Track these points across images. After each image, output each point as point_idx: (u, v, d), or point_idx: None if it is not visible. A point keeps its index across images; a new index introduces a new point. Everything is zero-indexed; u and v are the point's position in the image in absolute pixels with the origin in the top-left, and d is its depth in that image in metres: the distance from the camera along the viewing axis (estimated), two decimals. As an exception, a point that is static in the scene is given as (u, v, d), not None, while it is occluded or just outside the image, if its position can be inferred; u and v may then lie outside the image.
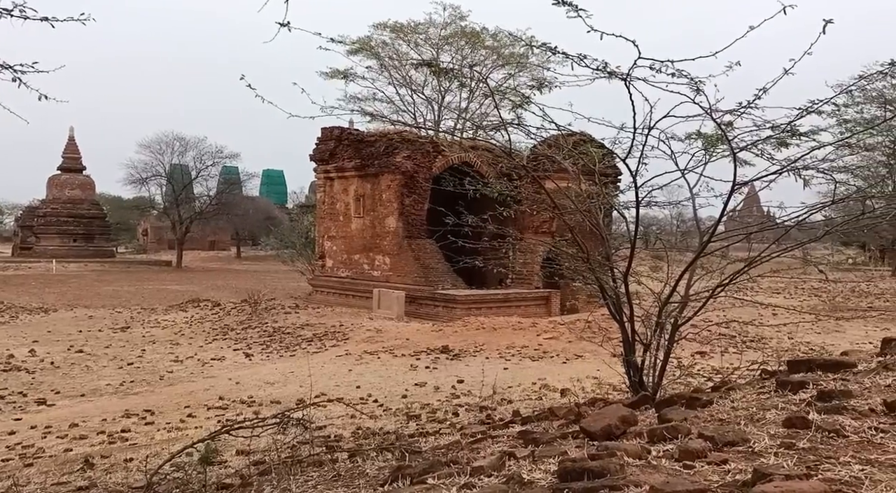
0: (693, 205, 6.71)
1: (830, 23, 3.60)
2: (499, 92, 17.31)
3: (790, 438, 2.49)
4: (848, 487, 1.82)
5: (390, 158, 19.03)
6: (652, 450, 2.59)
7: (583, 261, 6.98)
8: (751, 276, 6.57)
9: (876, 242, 36.01)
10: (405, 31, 26.78)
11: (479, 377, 10.23)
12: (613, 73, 4.24)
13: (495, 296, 18.64)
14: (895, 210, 6.59)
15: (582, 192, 6.95)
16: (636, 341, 6.29)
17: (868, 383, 3.11)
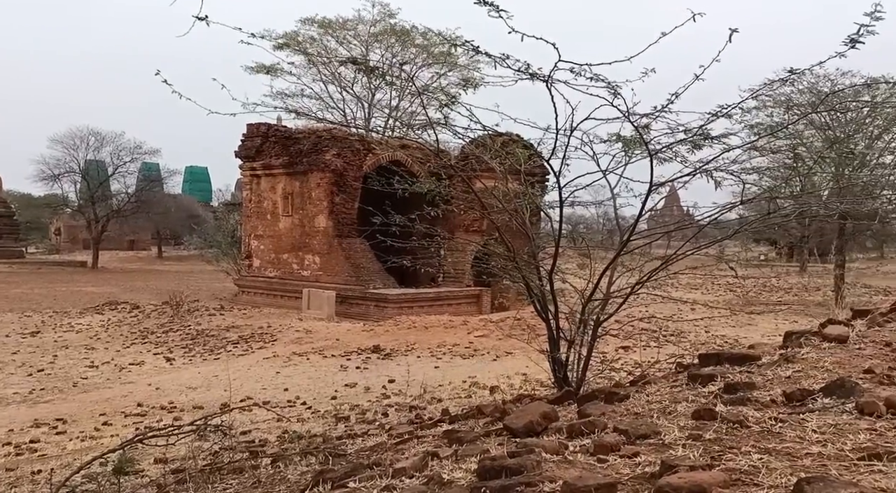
0: (614, 204, 6.93)
1: (736, 32, 3.79)
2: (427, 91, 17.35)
3: (698, 430, 2.59)
4: (746, 475, 1.91)
5: (319, 155, 18.75)
6: (569, 445, 2.65)
7: (509, 260, 7.10)
8: (669, 273, 6.85)
9: (785, 239, 38.18)
10: (333, 27, 26.43)
11: (411, 377, 10.24)
12: (535, 74, 4.32)
13: (427, 295, 18.69)
14: (801, 209, 7.03)
15: (509, 191, 7.05)
16: (561, 337, 6.44)
17: (770, 375, 3.28)
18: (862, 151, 19.17)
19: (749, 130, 6.15)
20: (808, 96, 18.33)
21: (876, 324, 3.86)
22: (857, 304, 17.54)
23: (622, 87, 4.53)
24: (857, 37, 3.89)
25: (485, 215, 6.94)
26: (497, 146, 7.05)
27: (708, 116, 5.09)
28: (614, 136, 6.15)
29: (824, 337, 3.72)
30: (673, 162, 6.26)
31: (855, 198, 17.34)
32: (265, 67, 23.05)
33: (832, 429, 2.37)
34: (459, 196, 8.13)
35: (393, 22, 26.33)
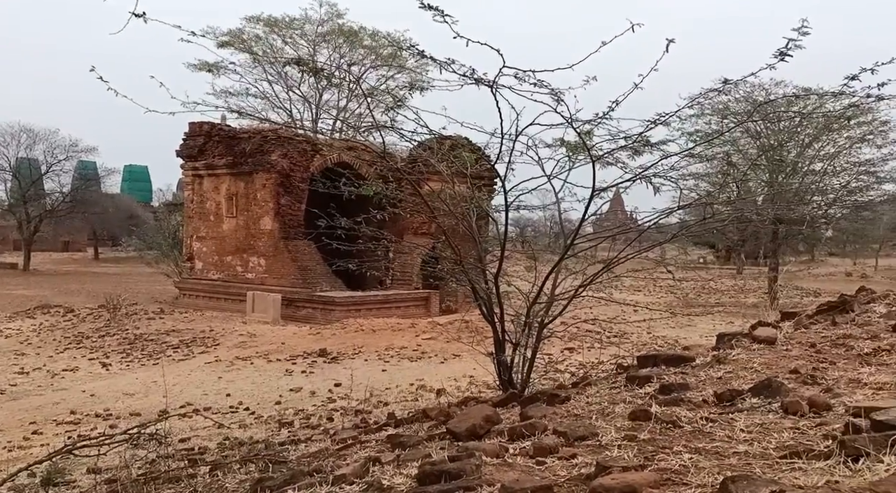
0: (558, 209, 7.05)
1: (672, 42, 3.91)
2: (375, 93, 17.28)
3: (634, 430, 2.66)
4: (676, 475, 1.97)
5: (265, 156, 18.42)
6: (510, 448, 2.68)
7: (456, 263, 7.13)
8: (611, 275, 7.00)
9: (723, 242, 39.56)
10: (280, 25, 25.99)
11: (357, 380, 10.16)
12: (480, 80, 4.35)
13: (375, 297, 18.57)
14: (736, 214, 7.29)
15: (456, 194, 7.08)
16: (506, 340, 6.50)
17: (703, 375, 3.39)
18: (793, 160, 20.05)
19: (687, 138, 6.36)
20: (744, 105, 19.04)
21: (802, 326, 4.04)
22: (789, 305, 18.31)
23: (565, 93, 4.61)
24: (786, 50, 4.06)
25: (431, 219, 6.95)
26: (445, 150, 7.08)
27: (647, 124, 5.23)
28: (559, 141, 6.27)
29: (754, 339, 3.87)
30: (615, 167, 6.43)
31: (787, 203, 18.16)
32: (208, 65, 22.47)
33: (759, 428, 2.47)
34: (408, 199, 8.12)
35: (341, 22, 26.10)
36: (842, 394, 2.70)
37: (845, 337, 3.58)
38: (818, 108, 17.55)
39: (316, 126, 25.68)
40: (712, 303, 25.43)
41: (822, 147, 21.15)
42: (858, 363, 3.11)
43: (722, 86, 4.85)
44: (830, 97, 7.94)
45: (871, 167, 21.67)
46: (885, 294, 4.80)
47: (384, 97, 12.44)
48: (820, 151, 21.33)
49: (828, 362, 3.24)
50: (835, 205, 21.90)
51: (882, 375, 2.85)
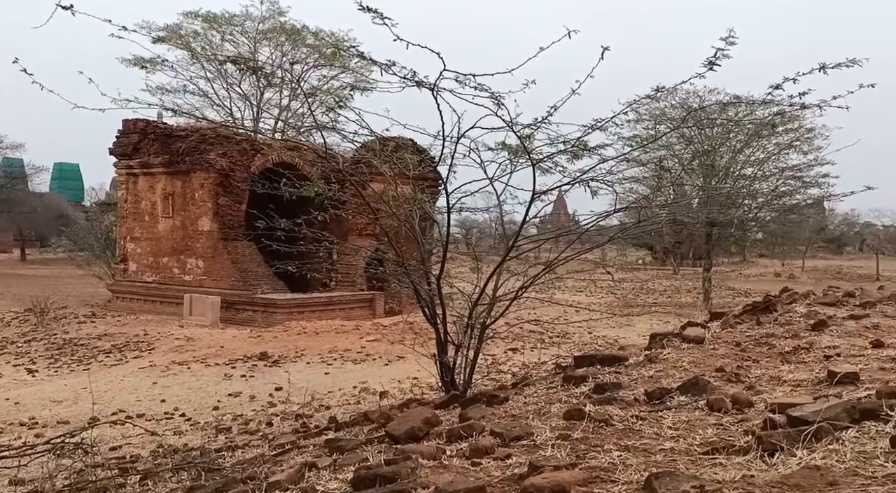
0: (500, 211, 7.13)
1: (607, 50, 4.01)
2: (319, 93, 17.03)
3: (568, 429, 2.71)
4: (605, 472, 2.02)
5: (203, 154, 17.94)
6: (447, 450, 2.69)
7: (399, 265, 7.12)
8: (553, 276, 7.12)
9: (660, 244, 40.78)
10: (219, 22, 25.31)
11: (299, 384, 10.02)
12: (421, 82, 4.36)
13: (318, 299, 18.35)
14: (670, 217, 7.54)
15: (398, 196, 7.07)
16: (449, 341, 6.52)
17: (636, 374, 3.49)
18: (726, 165, 20.85)
19: (623, 142, 6.52)
20: (679, 111, 19.68)
21: (729, 325, 4.21)
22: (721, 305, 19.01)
23: (505, 97, 4.66)
24: (715, 60, 4.23)
25: (374, 220, 6.91)
26: (388, 151, 7.06)
27: (585, 129, 5.34)
28: (500, 144, 6.34)
29: (684, 338, 4.00)
30: (555, 171, 6.55)
31: (720, 207, 18.88)
32: (143, 61, 21.71)
33: (685, 425, 2.55)
34: (351, 200, 8.06)
35: (283, 20, 25.63)
36: (763, 391, 2.83)
37: (768, 336, 3.75)
38: (748, 115, 18.31)
39: (257, 125, 25.13)
40: (650, 303, 26.15)
41: (753, 153, 22.07)
42: (779, 361, 3.26)
43: (655, 93, 5.01)
44: (760, 105, 8.30)
45: (797, 172, 22.73)
46: (805, 294, 5.04)
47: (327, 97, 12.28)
48: (750, 157, 22.24)
49: (751, 360, 3.38)
50: (764, 208, 22.87)
51: (800, 372, 3.00)
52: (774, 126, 17.34)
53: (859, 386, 2.57)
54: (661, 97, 20.26)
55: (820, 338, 3.53)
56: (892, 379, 2.57)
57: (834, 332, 3.67)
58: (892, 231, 57.15)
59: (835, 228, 56.37)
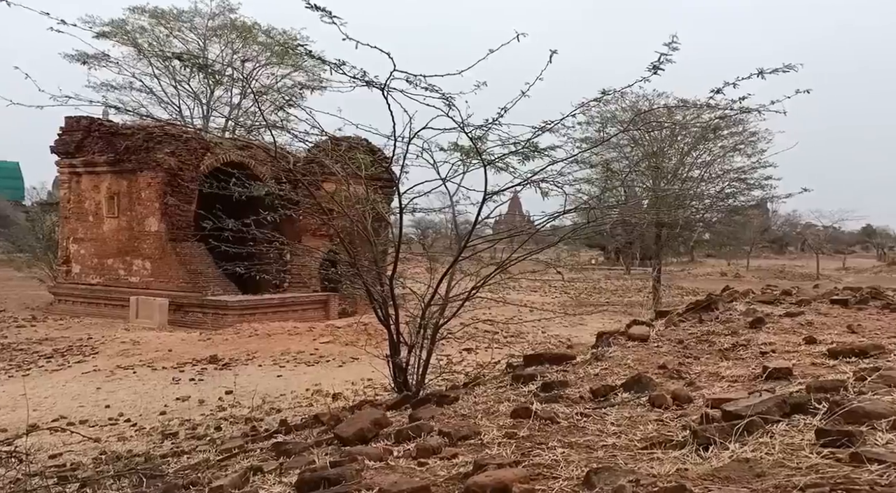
0: (453, 212, 7.16)
1: (555, 53, 4.08)
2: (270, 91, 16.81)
3: (514, 428, 2.74)
4: (547, 469, 2.05)
5: (151, 153, 17.45)
6: (394, 451, 2.69)
7: (351, 266, 7.07)
8: (506, 276, 7.18)
9: (612, 244, 41.53)
10: (167, 17, 24.64)
11: (250, 387, 9.84)
12: (371, 82, 4.35)
13: (270, 301, 18.06)
14: (618, 218, 7.70)
15: (351, 196, 7.02)
16: (401, 342, 6.52)
17: (582, 373, 3.55)
18: (674, 167, 21.34)
19: (573, 144, 6.64)
20: (629, 114, 20.07)
21: (672, 324, 4.32)
22: (671, 304, 19.49)
23: (455, 98, 4.69)
24: (659, 64, 4.33)
25: (325, 221, 6.85)
26: (342, 151, 7.01)
27: (535, 131, 5.41)
28: (453, 145, 6.37)
29: (629, 337, 4.09)
30: (507, 172, 6.60)
31: (668, 208, 19.33)
32: (87, 57, 20.94)
33: (627, 421, 2.61)
34: (304, 201, 7.97)
35: (233, 17, 25.12)
36: (702, 387, 2.91)
37: (709, 334, 3.86)
38: (695, 118, 18.80)
39: (207, 124, 24.57)
40: (602, 302, 26.61)
41: (699, 155, 22.64)
42: (719, 358, 3.36)
43: (602, 96, 5.11)
44: (704, 109, 8.55)
45: (742, 174, 23.41)
46: (745, 293, 5.21)
47: (278, 96, 12.14)
48: (697, 159, 22.82)
49: (693, 357, 3.48)
50: (710, 209, 23.51)
51: (738, 368, 3.10)
52: (716, 130, 17.88)
53: (792, 381, 2.67)
54: (612, 100, 20.69)
55: (757, 335, 3.66)
56: (822, 374, 2.68)
57: (770, 329, 3.80)
58: (830, 232, 59.65)
59: (777, 228, 58.50)
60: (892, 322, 3.82)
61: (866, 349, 2.88)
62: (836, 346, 3.08)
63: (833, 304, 4.41)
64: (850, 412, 1.90)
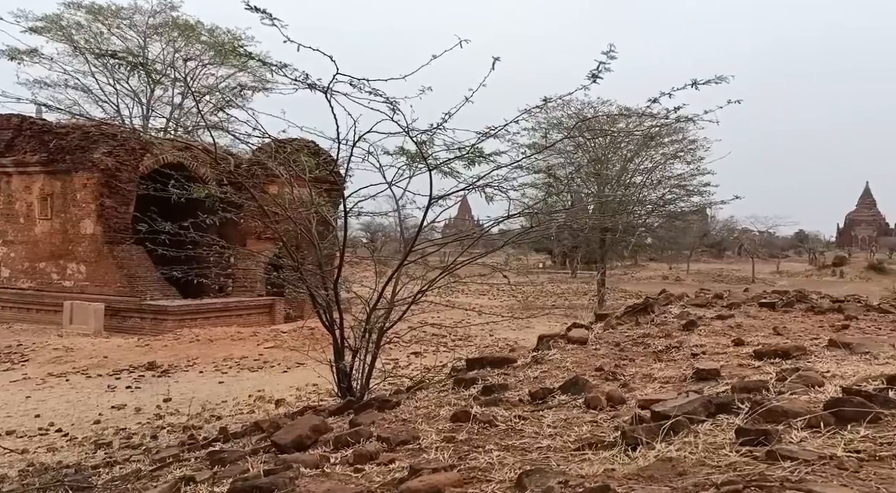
0: (398, 216, 7.15)
1: (498, 60, 4.13)
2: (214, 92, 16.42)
3: (453, 432, 2.75)
4: (482, 472, 2.06)
5: (87, 153, 16.82)
6: (331, 457, 2.66)
7: (294, 270, 6.97)
8: (453, 279, 7.21)
9: (559, 248, 42.20)
10: (104, 14, 23.76)
11: (190, 394, 9.60)
12: (313, 85, 4.30)
13: (213, 306, 17.63)
14: (561, 223, 7.83)
15: (295, 199, 6.93)
16: (346, 346, 6.46)
17: (522, 376, 3.59)
18: (617, 173, 21.87)
19: (518, 150, 6.71)
20: (575, 120, 20.48)
21: (610, 326, 4.42)
22: (614, 306, 19.92)
23: (400, 102, 4.69)
24: (597, 72, 4.44)
25: (267, 224, 6.74)
26: (286, 153, 6.91)
27: (479, 136, 5.46)
28: (399, 149, 6.36)
29: (569, 340, 4.16)
30: (452, 177, 6.64)
31: (612, 213, 19.79)
32: (17, 52, 19.97)
33: (563, 423, 2.65)
34: (248, 203, 7.81)
35: (175, 15, 24.42)
36: (636, 388, 2.98)
37: (644, 336, 3.96)
38: (638, 126, 19.31)
39: (147, 124, 23.81)
40: (549, 305, 27.01)
41: (641, 162, 23.30)
42: (653, 360, 3.45)
43: (543, 103, 5.20)
44: (643, 117, 8.77)
45: (682, 181, 24.22)
46: (680, 296, 5.38)
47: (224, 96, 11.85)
48: (640, 166, 23.47)
49: (628, 359, 3.56)
50: (652, 215, 24.20)
51: (669, 370, 3.19)
52: (652, 138, 18.42)
53: (719, 382, 2.77)
54: (557, 106, 21.07)
55: (689, 337, 3.78)
56: (747, 375, 2.78)
57: (702, 331, 3.93)
58: (765, 236, 62.17)
59: (716, 233, 60.62)
60: (814, 324, 4.01)
61: (789, 351, 3.01)
62: (761, 347, 3.20)
63: (761, 307, 4.60)
64: (769, 411, 1.99)
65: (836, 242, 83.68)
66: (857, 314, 4.21)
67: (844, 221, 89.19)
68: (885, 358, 2.85)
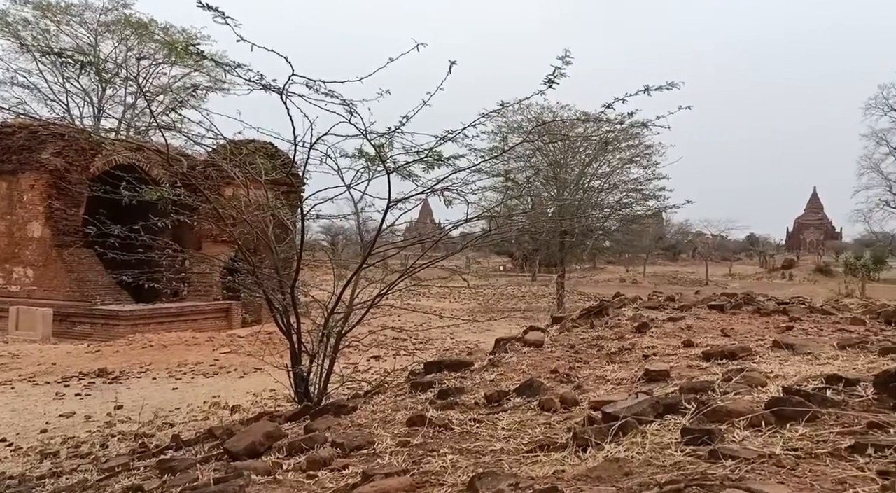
0: (358, 219, 7.10)
1: (454, 64, 4.14)
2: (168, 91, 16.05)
3: (408, 436, 2.75)
4: (435, 476, 2.07)
5: (34, 153, 16.26)
6: (284, 464, 2.63)
7: (251, 273, 6.87)
8: (412, 282, 7.18)
9: (520, 251, 42.54)
10: (53, 10, 23.00)
11: (143, 401, 9.35)
12: (268, 86, 4.25)
13: (167, 310, 17.23)
14: (519, 226, 7.89)
15: (251, 202, 6.83)
16: (303, 351, 6.39)
17: (478, 379, 3.60)
18: (576, 177, 22.16)
19: (477, 154, 6.74)
20: (535, 124, 20.69)
21: (566, 329, 4.47)
22: (573, 309, 20.14)
23: (356, 105, 4.66)
24: (553, 78, 4.49)
25: (222, 227, 6.62)
26: (243, 155, 6.80)
27: (437, 140, 5.47)
28: (358, 151, 6.32)
29: (525, 342, 4.20)
30: (411, 180, 6.63)
31: (571, 216, 20.04)
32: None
33: (517, 425, 2.67)
34: (203, 206, 7.65)
35: (128, 12, 23.76)
36: (589, 390, 3.03)
37: (599, 338, 4.03)
38: (596, 130, 19.62)
39: (98, 124, 23.12)
40: (510, 308, 27.19)
41: (600, 167, 23.67)
42: (606, 362, 3.51)
43: (500, 108, 5.24)
44: (598, 122, 8.92)
45: (638, 185, 24.68)
46: (634, 299, 5.48)
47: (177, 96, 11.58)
48: (598, 170, 23.84)
49: (583, 361, 3.61)
50: (610, 218, 24.60)
51: (622, 371, 3.24)
52: (607, 143, 18.75)
53: (669, 383, 2.83)
54: (518, 111, 21.27)
55: (642, 339, 3.85)
56: (695, 376, 2.85)
57: (654, 333, 4.01)
58: (718, 240, 63.86)
59: (671, 236, 62.00)
60: (760, 326, 4.13)
61: (735, 352, 3.10)
62: (710, 349, 3.29)
63: (711, 309, 4.72)
64: (713, 411, 2.04)
65: (786, 245, 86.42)
66: (800, 316, 4.35)
67: (793, 225, 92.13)
68: (825, 358, 2.96)
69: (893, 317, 4.05)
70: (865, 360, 2.87)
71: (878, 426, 1.73)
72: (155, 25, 23.34)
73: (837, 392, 2.12)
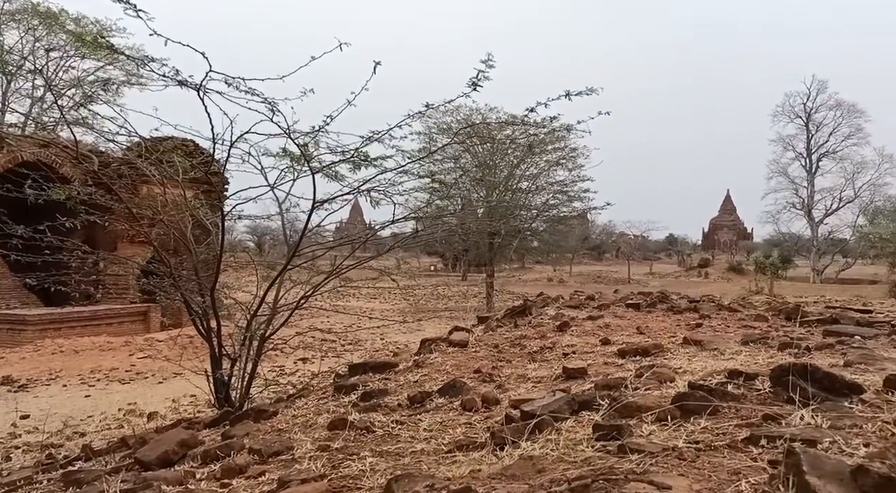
0: (283, 219, 6.96)
1: (379, 64, 4.13)
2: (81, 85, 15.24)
3: (329, 440, 2.71)
4: (353, 480, 2.05)
5: (-71, 147, 15.11)
6: (198, 473, 2.55)
7: (168, 275, 6.62)
8: (341, 283, 7.09)
9: (450, 251, 42.77)
10: (-51, -4, 21.44)
11: (53, 410, 8.86)
12: (184, 82, 4.10)
13: (79, 314, 16.36)
14: (446, 226, 7.93)
15: (168, 201, 6.58)
16: (224, 355, 6.21)
17: (403, 380, 3.60)
18: (504, 178, 22.46)
19: (404, 155, 6.73)
20: (462, 126, 20.85)
21: (491, 329, 4.53)
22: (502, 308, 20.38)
23: (279, 103, 4.57)
24: (477, 81, 4.54)
25: (136, 228, 6.35)
26: (159, 152, 6.53)
27: (363, 140, 5.43)
28: (282, 150, 6.19)
29: (450, 342, 4.22)
30: (336, 181, 6.55)
31: (500, 217, 20.30)
32: None
33: (439, 426, 2.69)
34: (118, 205, 7.31)
35: (35, 1, 22.33)
36: (510, 389, 3.07)
37: (522, 338, 4.10)
38: (523, 133, 19.94)
39: (2, 118, 21.66)
40: (440, 308, 27.30)
41: (527, 168, 24.08)
42: (528, 361, 3.57)
43: (425, 109, 5.26)
44: (532, 126, 9.08)
45: (564, 187, 25.25)
46: (556, 298, 5.61)
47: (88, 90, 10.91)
48: (525, 172, 24.25)
49: (506, 360, 3.67)
50: (537, 219, 25.06)
51: (542, 370, 3.31)
52: (531, 146, 19.14)
53: (586, 380, 2.91)
54: (448, 112, 21.38)
55: (562, 338, 3.94)
56: (610, 373, 2.94)
57: (574, 332, 4.12)
58: (640, 240, 66.30)
59: (596, 237, 63.89)
60: (673, 323, 4.31)
61: (648, 349, 3.22)
62: (625, 346, 3.40)
63: (628, 307, 4.89)
64: (624, 406, 2.11)
65: (702, 245, 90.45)
66: (710, 313, 4.57)
67: (709, 225, 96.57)
68: (730, 354, 3.12)
69: (793, 314, 4.31)
70: (766, 355, 3.04)
71: (772, 418, 1.83)
72: (66, 16, 22.05)
73: (738, 386, 2.24)
